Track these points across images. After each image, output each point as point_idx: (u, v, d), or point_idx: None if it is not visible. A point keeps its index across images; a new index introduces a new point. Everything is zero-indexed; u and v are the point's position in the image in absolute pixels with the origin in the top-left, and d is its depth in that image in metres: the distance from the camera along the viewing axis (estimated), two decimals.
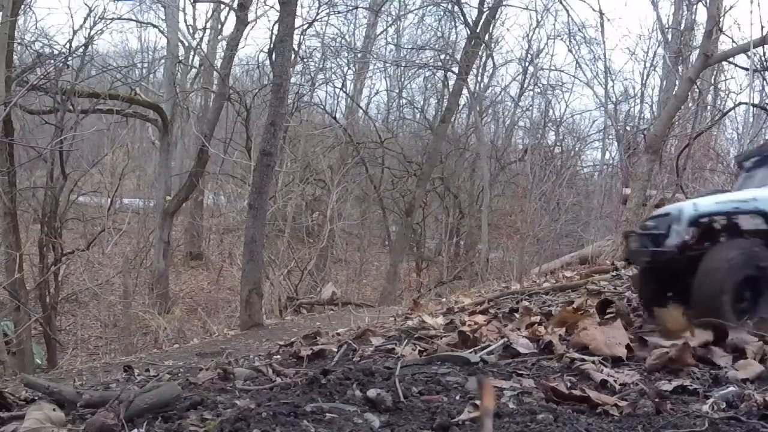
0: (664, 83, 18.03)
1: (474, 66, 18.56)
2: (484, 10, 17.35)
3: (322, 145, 17.72)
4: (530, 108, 21.58)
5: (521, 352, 3.93)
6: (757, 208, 4.33)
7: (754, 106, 13.12)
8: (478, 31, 17.15)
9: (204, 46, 18.02)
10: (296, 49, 15.38)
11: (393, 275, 16.26)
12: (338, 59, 18.93)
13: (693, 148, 12.73)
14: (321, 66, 18.62)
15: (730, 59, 12.61)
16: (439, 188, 19.44)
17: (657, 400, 2.70)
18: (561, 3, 17.22)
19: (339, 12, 17.76)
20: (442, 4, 18.21)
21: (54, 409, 2.49)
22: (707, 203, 4.51)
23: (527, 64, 20.55)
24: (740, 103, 14.09)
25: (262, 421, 2.36)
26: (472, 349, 4.01)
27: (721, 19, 11.59)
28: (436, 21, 19.66)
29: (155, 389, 2.79)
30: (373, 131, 19.39)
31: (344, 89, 20.22)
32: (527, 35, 25.77)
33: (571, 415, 2.57)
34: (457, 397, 2.92)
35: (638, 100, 20.64)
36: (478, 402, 2.54)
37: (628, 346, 3.74)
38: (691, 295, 4.18)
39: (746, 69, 12.67)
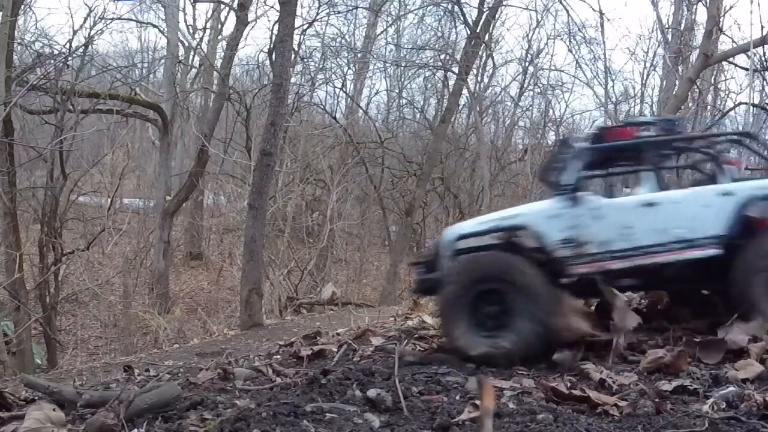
0: (664, 83, 17.98)
1: (474, 66, 18.50)
2: (484, 10, 17.30)
3: (322, 145, 17.67)
4: (530, 108, 21.54)
5: None
6: (516, 224, 4.22)
7: (754, 106, 13.10)
8: (478, 31, 17.11)
9: (204, 46, 18.00)
10: (296, 49, 15.35)
11: (393, 275, 16.23)
12: (338, 59, 18.90)
13: None
14: (321, 66, 18.60)
15: (730, 59, 12.61)
16: (439, 188, 19.39)
17: (657, 400, 2.70)
18: (561, 3, 17.11)
19: (339, 12, 17.72)
20: (442, 4, 18.15)
21: (54, 409, 2.50)
22: (469, 225, 4.55)
23: (527, 64, 20.49)
24: (740, 103, 14.08)
25: (262, 421, 2.37)
26: None
27: (721, 19, 11.60)
28: (436, 21, 19.56)
29: (155, 389, 2.80)
30: (373, 131, 19.34)
31: (344, 89, 20.18)
32: (527, 35, 25.67)
33: (571, 415, 2.57)
34: (457, 397, 2.93)
35: (638, 100, 20.55)
36: (478, 402, 2.54)
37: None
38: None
39: (746, 69, 12.67)
